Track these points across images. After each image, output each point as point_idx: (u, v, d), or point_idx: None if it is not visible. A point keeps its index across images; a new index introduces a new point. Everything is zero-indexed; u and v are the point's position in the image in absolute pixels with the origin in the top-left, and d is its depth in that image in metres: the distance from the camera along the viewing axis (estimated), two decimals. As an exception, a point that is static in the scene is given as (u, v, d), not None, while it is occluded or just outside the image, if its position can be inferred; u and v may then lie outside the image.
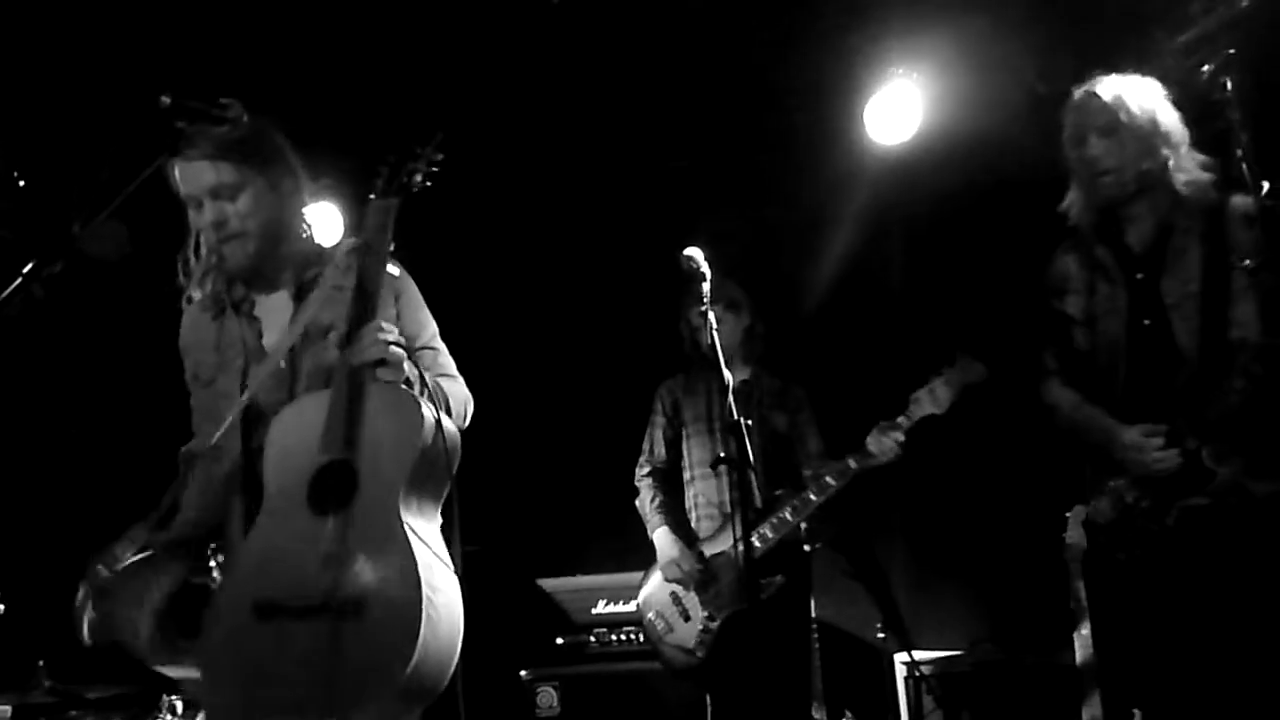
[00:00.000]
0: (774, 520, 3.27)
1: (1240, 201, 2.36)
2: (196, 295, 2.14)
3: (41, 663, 3.18)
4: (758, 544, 3.26)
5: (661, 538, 3.46)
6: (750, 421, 2.32)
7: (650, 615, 3.42)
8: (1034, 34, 3.66)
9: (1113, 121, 2.44)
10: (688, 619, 3.36)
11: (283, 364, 2.04)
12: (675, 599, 3.39)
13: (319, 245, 2.19)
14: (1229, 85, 2.19)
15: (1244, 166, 2.17)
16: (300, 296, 2.11)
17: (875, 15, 3.87)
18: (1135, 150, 2.42)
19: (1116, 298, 2.49)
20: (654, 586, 3.45)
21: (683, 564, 3.36)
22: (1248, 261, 2.26)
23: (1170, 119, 2.45)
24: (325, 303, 2.05)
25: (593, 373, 4.50)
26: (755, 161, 4.44)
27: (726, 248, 3.08)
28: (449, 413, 2.03)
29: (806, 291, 4.53)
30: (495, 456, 2.42)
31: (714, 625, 3.30)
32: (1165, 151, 2.41)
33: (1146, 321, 2.42)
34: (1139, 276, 2.45)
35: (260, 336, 2.11)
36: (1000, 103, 3.79)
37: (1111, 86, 2.49)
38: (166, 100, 1.74)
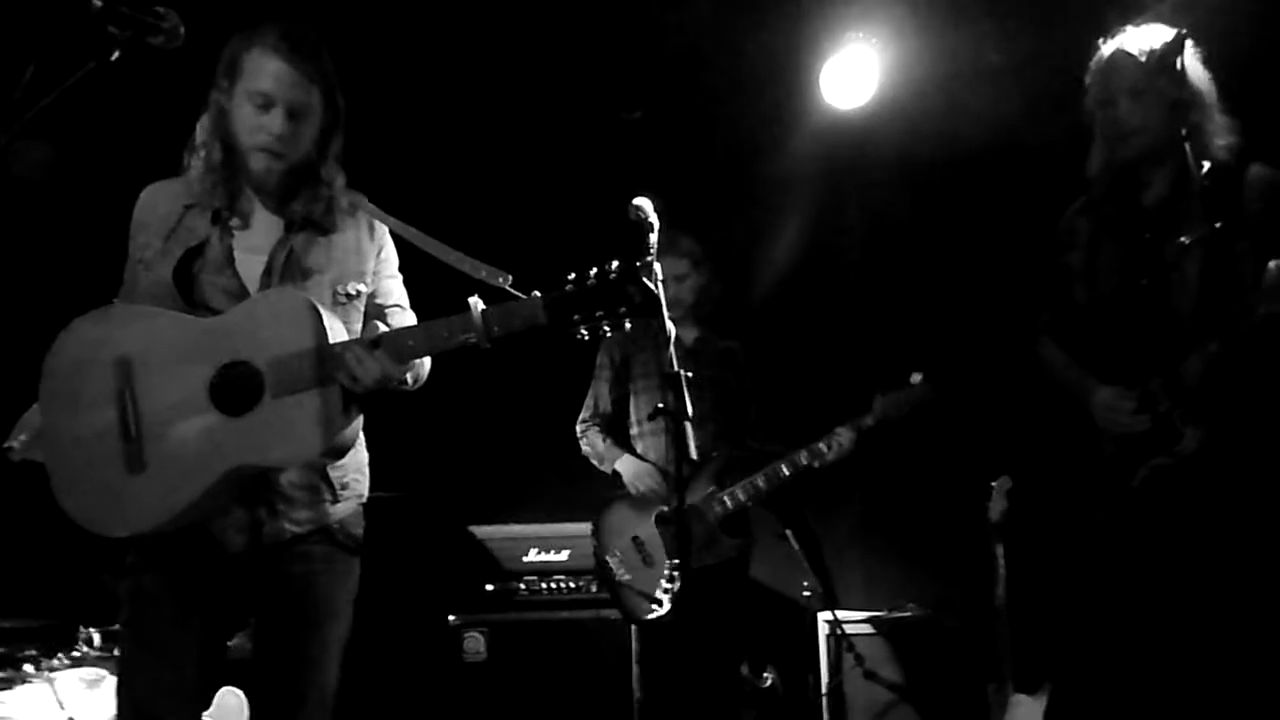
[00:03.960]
0: (747, 485, 3.31)
1: (1258, 170, 2.31)
2: (195, 173, 2.05)
3: (-47, 591, 3.11)
4: (729, 504, 3.32)
5: (626, 462, 3.45)
6: (690, 375, 2.30)
7: (608, 557, 3.39)
8: (993, 1, 3.67)
9: (1142, 81, 2.33)
10: (650, 565, 3.35)
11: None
12: (637, 543, 3.37)
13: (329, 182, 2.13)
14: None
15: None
16: (290, 227, 2.07)
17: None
18: (1164, 112, 2.32)
19: (1119, 256, 2.44)
20: (613, 529, 3.42)
21: (654, 476, 3.37)
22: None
23: (1201, 79, 2.35)
24: (310, 244, 2.05)
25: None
26: (709, 120, 4.41)
27: (677, 204, 3.06)
28: None
29: (759, 256, 4.52)
30: (431, 402, 2.39)
31: (680, 576, 3.29)
32: (1194, 114, 2.31)
33: (1144, 281, 2.37)
34: (1145, 236, 2.40)
35: (231, 252, 2.04)
36: (959, 69, 3.80)
37: (1142, 42, 2.36)
38: (98, 3, 1.65)
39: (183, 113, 2.10)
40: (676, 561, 3.27)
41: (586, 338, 1.85)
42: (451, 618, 3.71)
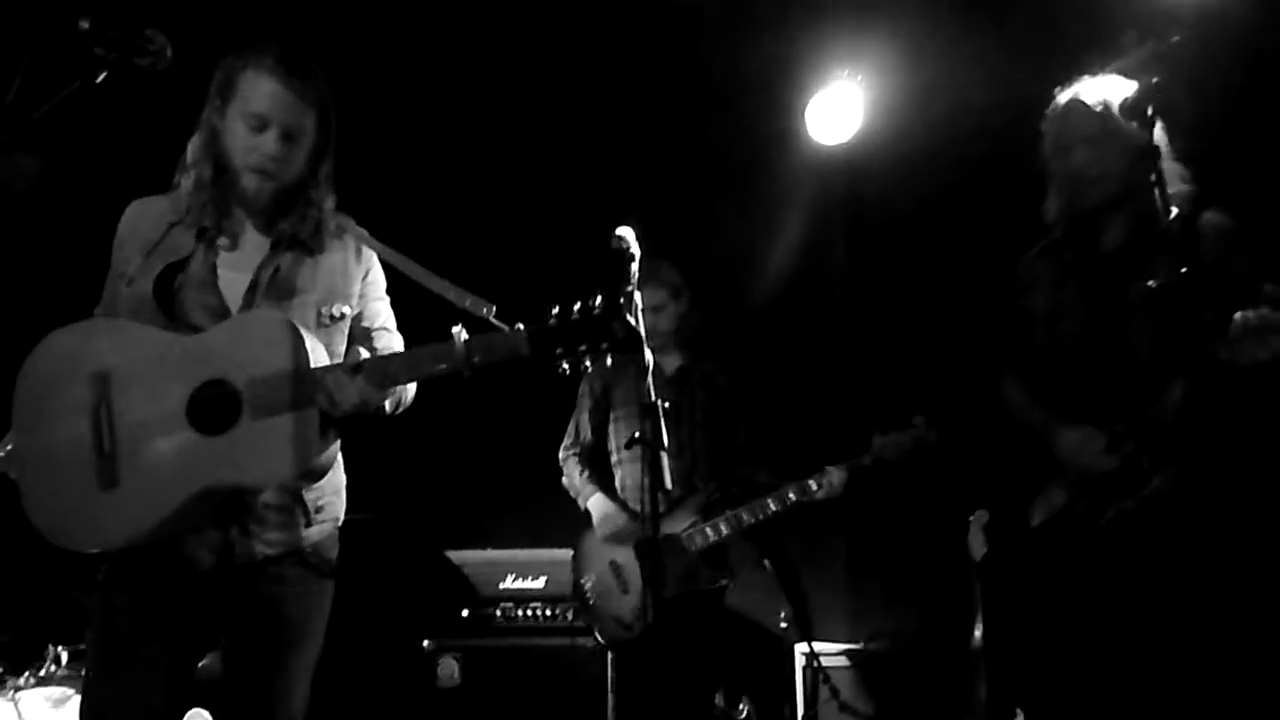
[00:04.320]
0: (730, 518, 3.31)
1: (1211, 217, 2.34)
2: (185, 190, 2.05)
3: (-79, 606, 3.07)
4: (711, 536, 3.33)
5: (597, 502, 3.45)
6: (668, 405, 2.31)
7: (584, 579, 3.40)
8: (976, 44, 3.74)
9: (1099, 130, 2.38)
10: (626, 591, 3.34)
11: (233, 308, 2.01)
12: (615, 569, 3.38)
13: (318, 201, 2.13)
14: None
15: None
16: (277, 246, 2.07)
17: (824, 14, 3.92)
18: (1121, 160, 2.37)
19: (1079, 300, 2.47)
20: (592, 552, 3.43)
21: (619, 519, 3.37)
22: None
23: (1159, 128, 2.35)
24: (297, 263, 2.05)
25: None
26: (696, 150, 4.46)
27: (665, 233, 3.08)
28: None
29: (747, 286, 4.55)
30: (411, 424, 2.39)
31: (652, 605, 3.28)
32: (1149, 161, 2.30)
33: (1104, 326, 2.40)
34: (1104, 281, 2.43)
35: (215, 269, 2.03)
36: (943, 107, 3.86)
37: (1097, 92, 2.41)
38: (85, 25, 1.66)
39: (172, 129, 2.11)
40: (650, 590, 3.28)
41: (568, 371, 1.87)
42: (426, 642, 3.69)
